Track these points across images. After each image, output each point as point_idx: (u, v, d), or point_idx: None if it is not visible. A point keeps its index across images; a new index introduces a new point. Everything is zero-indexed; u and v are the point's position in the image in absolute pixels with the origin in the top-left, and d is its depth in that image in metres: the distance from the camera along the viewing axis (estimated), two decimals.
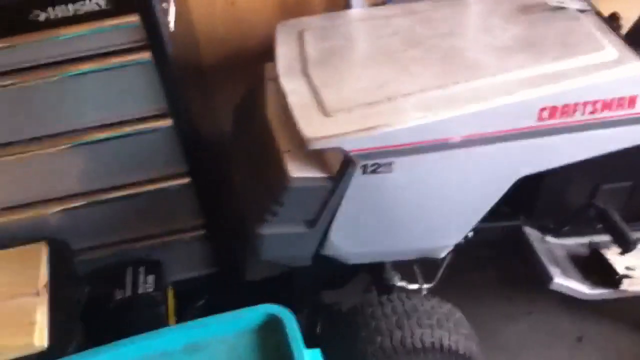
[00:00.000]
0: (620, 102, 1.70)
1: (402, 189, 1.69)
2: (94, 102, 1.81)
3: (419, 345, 1.67)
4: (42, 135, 1.83)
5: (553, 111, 1.67)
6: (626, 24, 1.99)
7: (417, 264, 2.06)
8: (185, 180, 1.98)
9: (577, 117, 1.70)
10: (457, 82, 1.67)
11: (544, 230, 2.02)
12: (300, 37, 1.93)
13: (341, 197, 1.66)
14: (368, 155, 1.61)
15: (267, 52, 1.95)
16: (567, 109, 1.68)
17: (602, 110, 1.70)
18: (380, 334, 1.69)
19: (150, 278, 1.92)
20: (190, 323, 1.46)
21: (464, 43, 1.84)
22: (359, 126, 1.59)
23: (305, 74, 1.77)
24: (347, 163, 1.62)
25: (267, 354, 1.37)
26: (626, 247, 1.82)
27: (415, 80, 1.70)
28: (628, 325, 2.28)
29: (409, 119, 1.60)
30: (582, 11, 1.90)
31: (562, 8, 1.89)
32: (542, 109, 1.66)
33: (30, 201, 1.93)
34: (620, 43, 1.76)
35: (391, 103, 1.64)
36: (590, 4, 1.96)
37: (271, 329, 1.41)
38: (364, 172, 1.64)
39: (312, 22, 2.02)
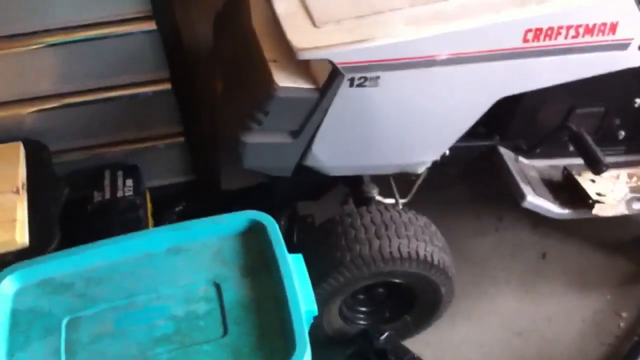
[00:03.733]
0: (601, 28, 1.73)
1: (387, 104, 1.71)
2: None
3: (396, 254, 1.74)
4: (18, 33, 1.78)
5: (537, 33, 1.69)
6: None
7: (393, 179, 2.11)
8: (165, 86, 1.95)
9: (560, 41, 1.72)
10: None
11: (518, 151, 2.07)
12: None
13: (326, 109, 1.67)
14: (356, 68, 1.61)
15: None
16: (551, 32, 1.70)
17: (584, 34, 1.73)
18: (359, 243, 1.74)
19: (129, 182, 1.93)
20: (173, 226, 1.48)
21: None
22: (349, 38, 1.58)
23: None
24: (334, 75, 1.62)
25: (251, 258, 1.40)
26: (597, 169, 1.89)
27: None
28: (591, 245, 2.38)
29: (398, 34, 1.60)
30: None
31: None
32: (528, 31, 1.67)
33: (5, 100, 1.89)
34: None
35: (380, 16, 1.63)
36: None
37: (254, 234, 1.43)
38: (351, 85, 1.64)
39: None
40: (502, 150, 2.04)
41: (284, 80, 1.64)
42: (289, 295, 1.30)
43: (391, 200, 2.06)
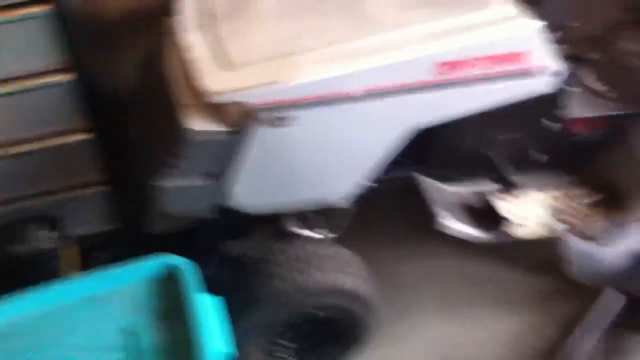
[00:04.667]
0: (511, 58, 1.79)
1: (305, 142, 1.73)
2: None
3: (318, 288, 1.75)
4: None
5: (448, 66, 1.74)
6: None
7: (324, 212, 2.11)
8: (87, 135, 1.96)
9: (472, 72, 1.77)
10: (358, 37, 1.70)
11: (442, 178, 2.12)
12: None
13: (244, 151, 1.68)
14: (270, 108, 1.63)
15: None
16: (461, 64, 1.75)
17: (495, 64, 1.79)
18: (279, 279, 1.75)
19: (51, 233, 1.90)
20: (86, 275, 1.47)
21: None
22: (261, 80, 1.61)
23: (211, 26, 1.76)
24: (248, 117, 1.64)
25: (166, 303, 1.40)
26: (508, 190, 1.94)
27: (319, 35, 1.72)
28: (514, 266, 2.43)
29: (310, 73, 1.63)
30: None
31: None
32: (438, 64, 1.72)
33: None
34: (512, 1, 1.84)
35: (294, 57, 1.66)
36: None
37: (170, 279, 1.43)
38: (267, 125, 1.66)
39: None
40: (423, 178, 2.08)
41: (198, 124, 1.64)
42: (204, 338, 1.29)
43: (318, 234, 2.06)
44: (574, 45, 2.22)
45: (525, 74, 1.82)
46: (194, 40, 1.73)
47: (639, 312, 2.15)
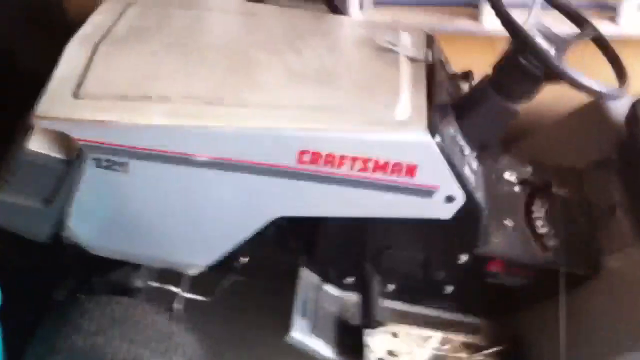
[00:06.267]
0: (396, 168, 1.54)
1: (139, 194, 1.60)
2: None
3: (112, 357, 1.58)
4: None
5: (315, 157, 1.52)
6: None
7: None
8: None
9: (344, 171, 1.54)
10: (226, 98, 1.55)
11: (327, 278, 1.87)
12: (125, 9, 1.82)
13: (76, 184, 1.58)
14: (99, 148, 1.52)
15: None
16: (332, 159, 1.53)
17: (375, 170, 1.54)
18: (80, 334, 1.60)
19: None
20: None
21: (267, 56, 1.68)
22: (91, 116, 1.49)
23: (95, 47, 1.67)
24: (80, 151, 1.53)
25: None
26: (365, 323, 1.66)
27: (187, 85, 1.58)
28: None
29: (149, 121, 1.49)
30: (413, 60, 1.71)
31: (391, 50, 1.71)
32: (303, 152, 1.52)
33: None
34: (424, 105, 1.58)
35: (143, 101, 1.53)
36: (438, 57, 1.77)
37: None
38: (98, 165, 1.55)
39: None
40: (306, 272, 1.85)
41: (36, 145, 1.56)
42: None
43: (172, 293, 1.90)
44: (539, 175, 1.93)
45: (415, 191, 1.57)
46: (69, 54, 1.64)
47: None
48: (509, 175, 1.92)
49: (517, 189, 1.90)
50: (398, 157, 1.52)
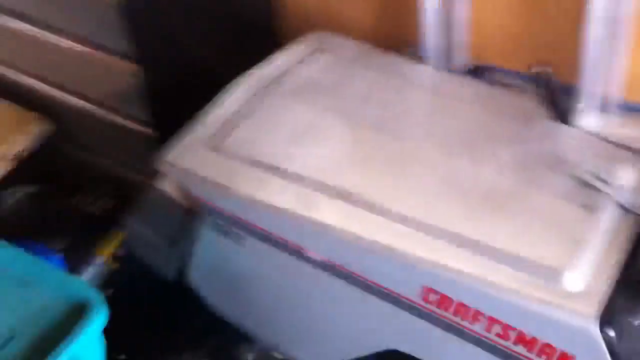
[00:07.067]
0: (546, 350, 1.15)
1: (253, 272, 1.43)
2: None
3: None
4: None
5: (444, 300, 1.21)
6: None
7: None
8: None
9: (476, 328, 1.20)
10: (361, 195, 1.27)
11: None
12: (314, 54, 1.63)
13: (195, 237, 1.46)
14: (216, 212, 1.38)
15: None
16: (463, 310, 1.20)
17: (517, 343, 1.18)
18: None
19: None
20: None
21: (434, 155, 1.36)
22: (216, 177, 1.34)
23: (262, 92, 1.52)
24: (197, 208, 1.41)
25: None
26: None
27: (327, 167, 1.34)
28: None
29: (266, 198, 1.30)
30: (625, 209, 1.26)
31: (593, 186, 1.28)
32: (429, 290, 1.21)
33: None
34: (609, 278, 1.15)
35: (275, 174, 1.33)
36: None
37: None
38: (215, 228, 1.41)
39: (351, 50, 1.66)
40: None
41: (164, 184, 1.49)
42: None
43: None
44: None
45: None
46: (228, 95, 1.51)
47: None
48: None
49: None
50: (551, 339, 1.14)
